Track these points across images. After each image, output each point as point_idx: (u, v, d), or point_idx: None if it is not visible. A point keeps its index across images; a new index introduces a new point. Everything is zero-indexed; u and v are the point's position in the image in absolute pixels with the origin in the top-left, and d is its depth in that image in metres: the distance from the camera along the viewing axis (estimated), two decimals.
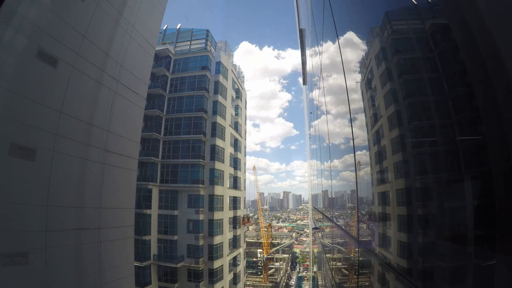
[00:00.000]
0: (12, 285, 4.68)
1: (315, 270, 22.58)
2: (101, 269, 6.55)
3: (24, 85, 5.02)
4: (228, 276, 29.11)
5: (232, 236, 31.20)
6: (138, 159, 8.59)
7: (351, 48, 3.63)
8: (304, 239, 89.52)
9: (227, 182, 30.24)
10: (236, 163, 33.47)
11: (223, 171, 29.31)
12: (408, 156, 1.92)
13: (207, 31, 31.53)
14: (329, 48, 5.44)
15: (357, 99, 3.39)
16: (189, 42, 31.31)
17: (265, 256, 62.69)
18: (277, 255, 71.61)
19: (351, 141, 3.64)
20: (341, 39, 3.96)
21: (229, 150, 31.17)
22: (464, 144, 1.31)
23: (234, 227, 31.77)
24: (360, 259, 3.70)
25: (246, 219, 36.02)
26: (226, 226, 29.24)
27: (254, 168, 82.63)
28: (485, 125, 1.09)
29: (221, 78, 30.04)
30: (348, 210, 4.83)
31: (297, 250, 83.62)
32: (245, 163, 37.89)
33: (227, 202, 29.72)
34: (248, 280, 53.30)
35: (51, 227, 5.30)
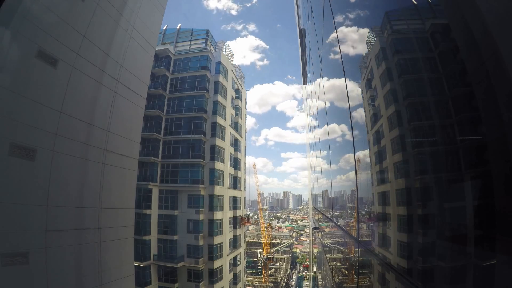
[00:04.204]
0: (12, 285, 4.68)
1: (315, 270, 22.58)
2: (101, 269, 6.55)
3: (24, 85, 5.01)
4: (228, 276, 29.10)
5: (232, 236, 31.19)
6: (138, 159, 8.59)
7: (351, 48, 3.63)
8: (304, 239, 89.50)
9: (227, 182, 30.23)
10: (236, 163, 33.46)
11: (223, 171, 29.30)
12: (408, 156, 1.93)
13: (207, 31, 31.52)
14: (329, 48, 5.44)
15: (357, 99, 3.39)
16: (189, 42, 31.30)
17: (265, 256, 62.65)
18: (277, 255, 71.57)
19: (351, 141, 3.64)
20: (341, 39, 3.96)
21: (229, 150, 31.15)
22: (464, 144, 1.31)
23: (234, 227, 31.76)
24: (360, 259, 3.70)
25: (246, 219, 36.01)
26: (226, 226, 29.23)
27: (254, 166, 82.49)
28: (485, 125, 1.09)
29: (221, 78, 30.03)
30: (348, 210, 4.82)
31: (297, 250, 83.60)
32: (245, 163, 37.87)
33: (227, 202, 29.71)
34: (248, 280, 53.28)
35: (51, 227, 5.29)
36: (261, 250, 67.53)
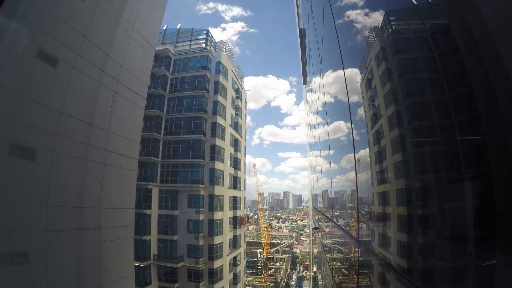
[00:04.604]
0: (12, 285, 4.68)
1: (315, 270, 22.59)
2: (101, 269, 6.55)
3: (24, 85, 5.01)
4: (228, 276, 29.09)
5: (232, 236, 31.18)
6: (138, 159, 8.59)
7: (351, 48, 3.63)
8: (304, 239, 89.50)
9: (227, 182, 30.22)
10: (236, 163, 33.45)
11: (223, 171, 29.29)
12: (408, 156, 1.92)
13: (207, 31, 31.54)
14: (329, 48, 5.43)
15: (357, 99, 3.39)
16: (189, 42, 31.29)
17: (265, 256, 62.64)
18: (277, 255, 71.57)
19: (351, 141, 3.64)
20: (341, 39, 3.96)
21: (229, 150, 31.15)
22: (464, 144, 1.31)
23: (234, 227, 31.76)
24: (360, 259, 3.70)
25: (246, 219, 36.01)
26: (226, 226, 29.22)
27: (254, 166, 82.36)
28: (485, 125, 1.09)
29: (221, 78, 30.02)
30: (348, 210, 4.82)
31: (297, 250, 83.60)
32: (245, 163, 37.87)
33: (227, 202, 29.70)
34: (248, 280, 53.28)
35: (51, 227, 5.30)
36: (261, 250, 67.53)
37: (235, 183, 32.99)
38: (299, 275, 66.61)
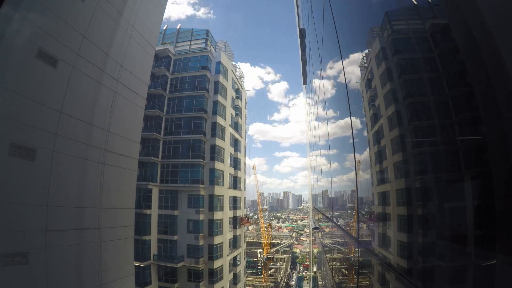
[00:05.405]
0: (12, 285, 4.68)
1: (315, 270, 22.60)
2: (101, 269, 6.55)
3: (24, 85, 5.02)
4: (228, 276, 29.09)
5: (232, 236, 31.19)
6: (138, 159, 8.59)
7: (351, 48, 3.63)
8: (304, 239, 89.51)
9: (227, 182, 30.23)
10: (236, 163, 33.46)
11: (223, 171, 29.29)
12: (408, 156, 1.92)
13: (207, 31, 31.53)
14: (329, 48, 5.43)
15: (357, 99, 3.39)
16: (189, 42, 31.31)
17: (265, 256, 62.65)
18: (277, 255, 71.57)
19: (351, 141, 3.64)
20: (341, 39, 3.96)
21: (229, 150, 31.15)
22: (464, 144, 1.31)
23: (234, 227, 31.76)
24: (360, 259, 3.70)
25: (246, 219, 36.00)
26: (226, 226, 29.23)
27: (254, 167, 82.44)
28: (485, 125, 1.09)
29: (221, 78, 30.03)
30: (348, 210, 4.83)
31: (297, 250, 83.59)
32: (245, 163, 37.88)
33: (227, 202, 29.71)
34: (248, 280, 53.28)
35: (51, 227, 5.30)
36: (261, 250, 67.53)
37: (235, 183, 33.00)
38: (299, 275, 66.62)
